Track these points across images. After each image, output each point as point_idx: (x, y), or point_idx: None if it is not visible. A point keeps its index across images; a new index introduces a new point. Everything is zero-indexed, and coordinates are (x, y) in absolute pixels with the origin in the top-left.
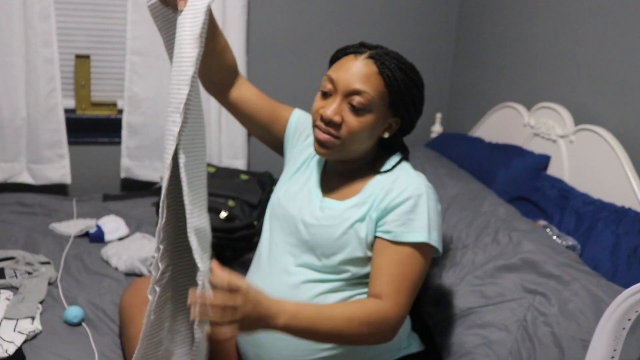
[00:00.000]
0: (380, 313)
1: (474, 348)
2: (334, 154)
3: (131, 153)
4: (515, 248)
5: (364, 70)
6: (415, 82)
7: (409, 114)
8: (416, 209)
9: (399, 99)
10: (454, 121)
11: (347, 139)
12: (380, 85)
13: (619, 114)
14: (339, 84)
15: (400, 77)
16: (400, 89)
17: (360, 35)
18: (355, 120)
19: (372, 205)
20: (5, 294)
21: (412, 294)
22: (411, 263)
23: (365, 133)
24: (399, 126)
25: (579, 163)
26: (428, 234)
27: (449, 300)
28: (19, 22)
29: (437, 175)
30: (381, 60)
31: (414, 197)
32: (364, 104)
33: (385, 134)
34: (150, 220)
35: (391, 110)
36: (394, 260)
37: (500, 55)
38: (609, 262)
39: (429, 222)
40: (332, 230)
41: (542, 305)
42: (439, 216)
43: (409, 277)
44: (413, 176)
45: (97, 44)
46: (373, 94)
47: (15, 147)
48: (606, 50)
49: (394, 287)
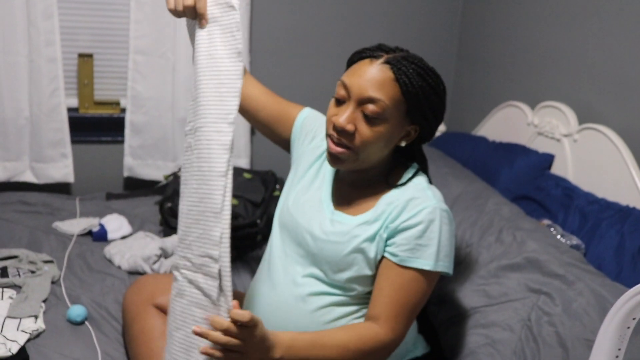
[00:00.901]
0: (375, 340)
1: (478, 348)
2: (346, 166)
3: (134, 152)
4: (519, 247)
5: (379, 76)
6: (435, 89)
7: (428, 122)
8: (426, 234)
9: (417, 107)
10: (457, 120)
11: (360, 149)
12: (397, 93)
13: (623, 112)
14: (353, 91)
15: (418, 83)
16: (418, 96)
17: (363, 34)
18: (369, 129)
19: (384, 224)
20: (9, 292)
21: (410, 319)
22: (414, 288)
23: (379, 143)
24: (417, 134)
25: (583, 162)
26: (435, 262)
27: (452, 299)
28: (22, 22)
29: (440, 174)
30: (398, 65)
31: (425, 222)
32: (378, 112)
33: (402, 143)
34: (153, 219)
35: (409, 118)
36: (396, 283)
37: (503, 53)
38: (614, 262)
39: (439, 248)
40: (340, 247)
41: (546, 304)
42: (451, 240)
43: (410, 302)
44: (429, 197)
45: (100, 43)
46: (388, 102)
47: (19, 146)
48: (610, 49)
49: (393, 311)
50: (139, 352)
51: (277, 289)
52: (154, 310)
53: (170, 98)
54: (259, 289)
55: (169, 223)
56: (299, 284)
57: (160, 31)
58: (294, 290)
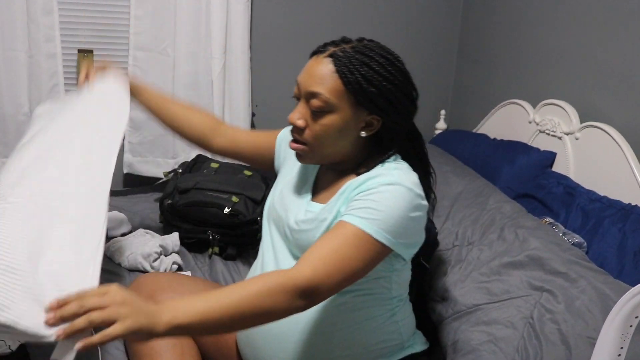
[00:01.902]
0: (283, 278)
1: (480, 345)
2: (311, 161)
3: (134, 149)
4: (521, 245)
5: (320, 70)
6: (386, 77)
7: (385, 112)
8: (373, 197)
9: (365, 97)
10: (458, 118)
11: (313, 144)
12: (338, 85)
13: (625, 110)
14: (301, 88)
15: (362, 72)
16: (362, 86)
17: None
18: (317, 124)
19: (345, 200)
20: None
21: (337, 269)
22: (349, 241)
23: (331, 135)
24: (380, 124)
25: (585, 160)
26: (376, 228)
27: (454, 296)
28: (21, 17)
29: (441, 172)
30: (339, 57)
31: (378, 189)
32: (321, 106)
33: (362, 133)
34: (153, 216)
35: (362, 108)
36: (331, 232)
37: (505, 51)
38: (616, 260)
39: (384, 218)
40: (311, 234)
41: (548, 302)
42: (403, 218)
43: (340, 250)
44: (393, 175)
45: (100, 38)
46: (329, 95)
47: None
48: (612, 47)
49: (318, 253)
50: (139, 350)
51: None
52: None
53: (170, 94)
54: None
55: (169, 220)
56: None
57: (161, 27)
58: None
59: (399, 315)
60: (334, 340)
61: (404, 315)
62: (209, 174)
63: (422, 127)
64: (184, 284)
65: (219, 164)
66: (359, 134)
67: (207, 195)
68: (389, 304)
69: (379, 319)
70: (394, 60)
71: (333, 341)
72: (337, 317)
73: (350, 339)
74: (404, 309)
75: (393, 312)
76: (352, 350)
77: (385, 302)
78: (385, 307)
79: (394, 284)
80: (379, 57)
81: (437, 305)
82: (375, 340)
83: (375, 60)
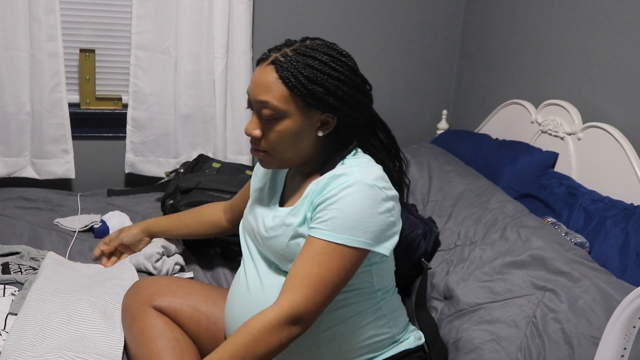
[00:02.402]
0: (263, 321)
1: (483, 344)
2: (274, 165)
3: (136, 148)
4: (524, 244)
5: (264, 79)
6: (331, 74)
7: (336, 109)
8: (336, 205)
9: (312, 98)
10: (460, 118)
11: (272, 150)
12: (284, 90)
13: (628, 111)
14: (250, 98)
15: (305, 74)
16: (307, 87)
17: (365, 31)
18: (271, 131)
19: (310, 204)
20: (10, 289)
21: (317, 292)
22: (321, 260)
23: (288, 140)
24: (336, 121)
25: (587, 160)
26: (340, 234)
27: (456, 295)
28: (23, 16)
29: (443, 171)
30: (281, 64)
31: (339, 194)
32: (271, 114)
33: (319, 133)
34: (155, 216)
35: (313, 109)
36: (303, 255)
37: (507, 51)
38: (618, 260)
39: (349, 220)
40: (280, 240)
41: (551, 301)
42: (371, 215)
43: (315, 273)
44: (354, 173)
45: (102, 38)
46: (277, 102)
47: (20, 142)
48: (615, 48)
49: (294, 282)
50: (139, 352)
51: (250, 291)
52: (153, 311)
53: (172, 94)
54: (237, 291)
55: None
56: (265, 285)
57: (162, 27)
58: (263, 290)
59: (385, 309)
60: (320, 340)
61: (392, 307)
62: (211, 174)
63: (424, 127)
64: (183, 287)
65: (220, 164)
66: (316, 134)
67: (208, 195)
68: (373, 297)
69: (365, 314)
70: (338, 55)
71: (320, 341)
72: (321, 317)
73: (337, 338)
74: (390, 302)
75: (379, 305)
76: (341, 349)
77: (369, 296)
78: (369, 302)
79: (375, 277)
80: (321, 56)
81: (439, 304)
82: (364, 336)
83: (317, 60)
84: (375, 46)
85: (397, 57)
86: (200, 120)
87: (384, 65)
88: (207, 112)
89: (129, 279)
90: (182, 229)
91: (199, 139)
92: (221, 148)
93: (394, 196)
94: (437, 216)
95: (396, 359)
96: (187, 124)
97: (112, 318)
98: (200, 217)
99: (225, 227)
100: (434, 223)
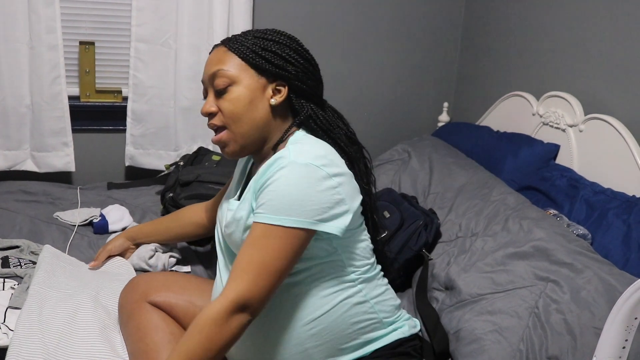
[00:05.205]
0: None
1: (485, 334)
2: (237, 149)
3: (136, 141)
4: (526, 236)
5: (216, 56)
6: (276, 40)
7: (285, 70)
8: (270, 188)
9: (262, 62)
10: (461, 110)
11: (229, 123)
12: (233, 58)
13: (630, 103)
14: (204, 79)
15: (252, 42)
16: (256, 52)
17: (366, 26)
18: (226, 101)
19: (254, 194)
20: (10, 283)
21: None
22: (262, 244)
23: (242, 107)
24: (287, 88)
25: (589, 152)
26: (275, 215)
27: (458, 286)
28: (23, 9)
29: (445, 164)
30: (229, 39)
31: (273, 177)
32: (223, 80)
33: (272, 101)
34: (155, 209)
35: (264, 76)
36: (246, 242)
37: (508, 43)
38: (620, 252)
39: (283, 201)
40: (236, 234)
41: (554, 292)
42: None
43: (255, 259)
44: (289, 153)
45: (102, 30)
46: (227, 68)
47: (20, 135)
48: (617, 39)
49: (237, 271)
50: (136, 348)
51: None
52: (149, 306)
53: (172, 86)
54: (215, 290)
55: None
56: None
57: (162, 19)
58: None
59: (366, 294)
60: (301, 334)
61: (374, 291)
62: (211, 167)
63: (425, 119)
64: (179, 282)
65: (220, 156)
66: (269, 103)
67: (208, 188)
68: (349, 282)
69: (344, 301)
70: (281, 31)
71: (301, 335)
72: (295, 309)
73: (319, 329)
74: (371, 286)
75: (357, 289)
76: (324, 339)
77: (343, 281)
78: (345, 287)
79: (345, 260)
80: (264, 30)
81: (440, 294)
82: (347, 323)
83: (261, 32)
84: (377, 39)
85: (398, 50)
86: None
87: (385, 58)
88: None
89: (125, 274)
90: (164, 233)
91: (199, 132)
92: None
93: (338, 173)
94: (438, 208)
95: (390, 348)
96: (187, 117)
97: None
98: (181, 220)
99: (207, 226)
100: (435, 214)
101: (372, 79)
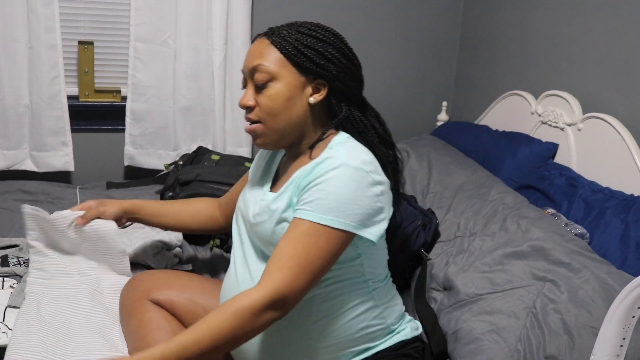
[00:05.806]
0: (248, 300)
1: (482, 334)
2: (269, 142)
3: (135, 141)
4: (524, 235)
5: (257, 48)
6: (320, 38)
7: (327, 70)
8: (321, 186)
9: (303, 60)
10: (460, 109)
11: (265, 118)
12: (276, 53)
13: (628, 101)
14: (244, 71)
15: (295, 38)
16: (298, 49)
17: (365, 24)
18: (264, 97)
19: (297, 189)
20: (10, 281)
21: (300, 274)
22: (305, 241)
23: (280, 104)
24: (327, 88)
25: (587, 151)
26: (323, 214)
27: (456, 286)
28: (21, 8)
29: (443, 163)
30: (272, 32)
31: (324, 176)
32: (264, 76)
33: (311, 100)
34: None
35: (304, 74)
36: (288, 236)
37: (507, 42)
38: (618, 251)
39: (333, 202)
40: (266, 225)
41: (551, 292)
42: (356, 197)
43: (298, 254)
44: (339, 155)
45: (101, 30)
46: (268, 64)
47: (18, 135)
48: (615, 38)
49: (277, 264)
50: (137, 346)
51: (239, 282)
52: (150, 304)
53: (171, 86)
54: (227, 284)
55: None
56: (254, 277)
57: (161, 18)
58: (252, 282)
59: (378, 299)
60: (311, 333)
61: (385, 298)
62: (210, 166)
63: (424, 118)
64: (181, 280)
65: (219, 156)
66: (307, 101)
67: (208, 187)
68: (364, 287)
69: (357, 305)
70: (327, 28)
71: (311, 334)
72: (311, 309)
73: (328, 330)
74: (383, 292)
75: (370, 295)
76: (332, 341)
77: (359, 287)
78: (360, 292)
79: (365, 266)
80: (309, 25)
81: (438, 294)
82: (356, 327)
83: (305, 27)
84: (376, 38)
85: (397, 49)
86: (199, 112)
87: (384, 56)
88: (206, 104)
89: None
90: (172, 217)
91: (198, 131)
92: (220, 140)
93: (382, 181)
94: (436, 207)
95: (392, 350)
96: (187, 116)
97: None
98: (194, 208)
99: (221, 223)
100: (434, 214)
101: (371, 78)
